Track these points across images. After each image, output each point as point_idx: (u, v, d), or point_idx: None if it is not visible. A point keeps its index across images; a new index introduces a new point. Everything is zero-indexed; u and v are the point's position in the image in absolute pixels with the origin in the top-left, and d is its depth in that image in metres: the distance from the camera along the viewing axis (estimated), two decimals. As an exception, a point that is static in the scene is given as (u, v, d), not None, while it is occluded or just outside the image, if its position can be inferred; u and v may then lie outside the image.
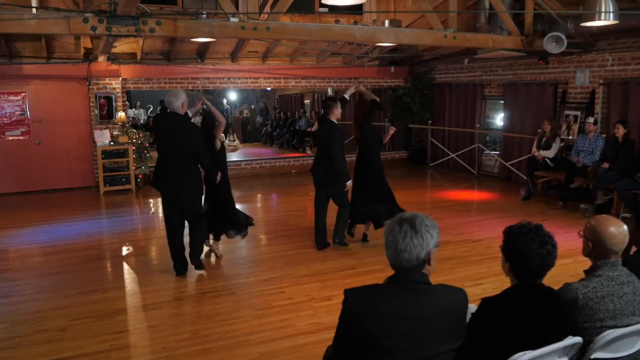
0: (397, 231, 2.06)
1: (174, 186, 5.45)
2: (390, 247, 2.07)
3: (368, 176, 6.57)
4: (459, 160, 12.32)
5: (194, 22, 6.53)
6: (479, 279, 5.41)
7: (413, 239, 2.04)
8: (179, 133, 5.33)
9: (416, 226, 2.05)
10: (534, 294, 2.26)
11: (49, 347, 4.09)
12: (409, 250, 2.04)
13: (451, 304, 2.09)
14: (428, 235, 2.05)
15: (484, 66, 11.55)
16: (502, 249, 2.33)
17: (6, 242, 7.11)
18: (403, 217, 2.10)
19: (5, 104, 10.22)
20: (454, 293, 2.14)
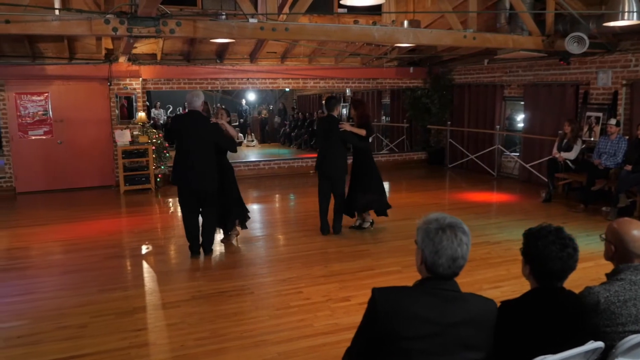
0: (448, 238, 2.01)
1: (199, 180, 6.03)
2: (442, 255, 2.01)
3: (365, 172, 7.24)
4: (478, 162, 12.22)
5: (213, 23, 6.57)
6: (498, 282, 5.35)
7: (468, 245, 2.04)
8: (202, 128, 5.98)
9: (466, 231, 2.05)
10: (555, 298, 2.23)
11: (70, 344, 4.15)
12: (465, 256, 2.03)
13: (480, 315, 2.06)
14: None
15: (504, 67, 11.44)
16: (522, 252, 2.31)
17: (29, 240, 7.23)
18: (446, 223, 2.04)
19: (28, 104, 10.39)
20: (484, 304, 2.11)
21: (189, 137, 5.97)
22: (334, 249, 6.58)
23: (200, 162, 6.00)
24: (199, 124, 5.99)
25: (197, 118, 6.01)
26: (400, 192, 10.98)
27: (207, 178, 6.07)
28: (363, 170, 7.19)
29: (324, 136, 7.13)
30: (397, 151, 14.80)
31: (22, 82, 10.23)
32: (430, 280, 2.07)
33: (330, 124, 6.99)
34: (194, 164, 5.98)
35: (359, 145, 7.15)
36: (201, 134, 5.96)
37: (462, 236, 2.03)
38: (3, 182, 10.46)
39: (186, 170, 6.03)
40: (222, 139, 6.20)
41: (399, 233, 7.21)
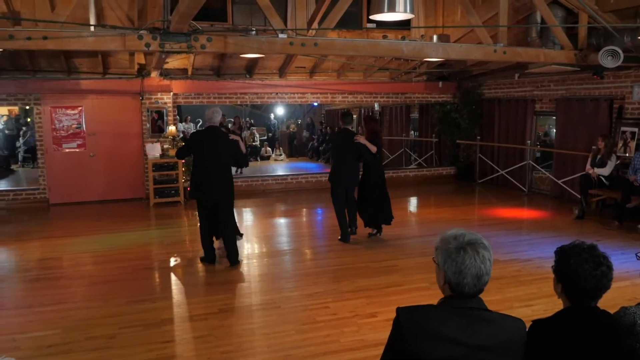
0: (471, 256, 1.95)
1: (217, 190, 6.35)
2: (467, 274, 1.95)
3: (375, 184, 7.62)
4: (508, 177, 12.04)
5: (243, 39, 6.65)
6: (528, 300, 5.23)
7: (490, 260, 1.98)
8: (223, 143, 6.37)
9: (486, 246, 1.99)
10: (589, 318, 2.16)
11: (98, 354, 4.19)
12: (488, 273, 1.97)
13: (509, 335, 1.99)
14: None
15: (535, 81, 11.29)
16: (554, 270, 2.25)
17: (61, 250, 7.37)
18: (466, 240, 1.98)
19: (63, 118, 10.65)
20: (513, 323, 2.04)
21: (210, 152, 6.30)
22: (361, 264, 6.53)
23: (220, 174, 6.37)
24: (220, 138, 6.39)
25: (217, 133, 6.44)
26: (429, 207, 10.89)
27: (227, 189, 6.45)
28: (372, 184, 7.60)
29: (340, 149, 7.54)
30: (425, 166, 14.69)
31: (58, 96, 10.50)
32: (455, 299, 2.01)
33: (347, 137, 7.43)
34: (215, 176, 6.33)
35: (369, 160, 7.52)
36: (221, 148, 6.34)
37: (484, 252, 1.98)
38: (37, 193, 10.71)
39: (207, 183, 6.33)
40: (239, 154, 6.61)
41: (428, 249, 7.12)
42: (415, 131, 16.99)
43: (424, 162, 15.25)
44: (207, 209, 6.45)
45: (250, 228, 8.89)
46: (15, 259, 7.15)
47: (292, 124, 22.23)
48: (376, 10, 5.83)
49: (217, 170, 6.35)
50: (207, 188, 6.35)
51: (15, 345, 4.36)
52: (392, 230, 8.20)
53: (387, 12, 5.72)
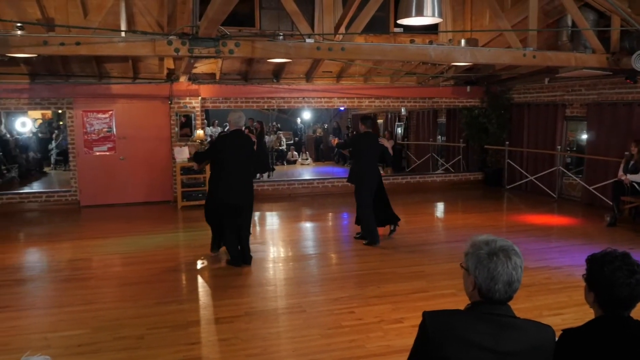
0: (503, 263, 1.92)
1: (241, 195, 6.49)
2: (499, 280, 1.92)
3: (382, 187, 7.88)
4: (537, 183, 11.85)
5: (271, 44, 6.71)
6: (559, 309, 5.13)
7: (522, 267, 1.95)
8: (248, 146, 6.52)
9: (518, 253, 1.96)
10: (622, 327, 2.10)
11: (126, 355, 4.25)
12: (520, 279, 1.94)
13: (537, 343, 1.95)
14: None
15: (565, 85, 11.11)
16: (586, 278, 2.20)
17: (91, 252, 7.50)
18: (498, 246, 1.95)
19: (94, 121, 10.87)
20: (542, 330, 2.00)
21: (236, 155, 6.42)
22: (387, 269, 6.50)
23: (245, 178, 6.57)
24: (245, 142, 6.54)
25: (243, 137, 6.59)
26: (456, 213, 10.78)
27: (249, 193, 6.65)
28: (382, 185, 7.86)
29: (366, 151, 7.62)
30: (452, 171, 14.56)
31: (89, 100, 10.72)
32: (484, 305, 1.97)
33: (371, 139, 7.69)
34: (240, 180, 6.48)
35: (389, 161, 8.00)
36: (247, 152, 6.51)
37: (515, 259, 1.94)
38: (69, 195, 10.95)
39: (233, 187, 6.44)
40: (260, 155, 6.65)
41: (454, 255, 7.05)
42: (442, 136, 16.86)
43: (451, 167, 15.12)
44: (228, 213, 6.52)
45: (277, 232, 8.93)
46: (47, 260, 7.31)
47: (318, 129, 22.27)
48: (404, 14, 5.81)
49: (242, 175, 6.48)
50: (232, 193, 6.43)
51: (46, 343, 4.45)
52: (418, 236, 8.17)
53: (414, 16, 5.70)
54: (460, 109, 13.79)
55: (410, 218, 9.84)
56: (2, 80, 10.11)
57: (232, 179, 6.43)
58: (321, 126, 22.79)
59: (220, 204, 6.55)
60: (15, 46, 6.17)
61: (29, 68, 9.95)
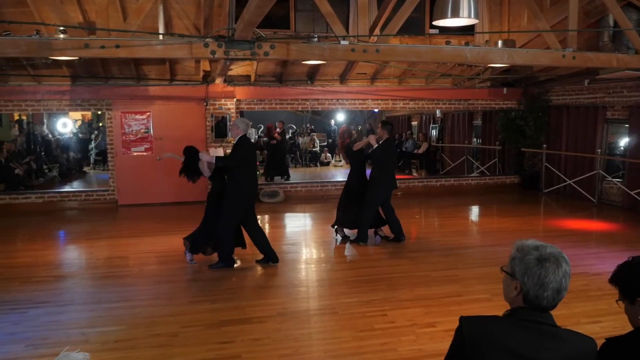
0: (554, 270, 1.88)
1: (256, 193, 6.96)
2: (548, 288, 1.87)
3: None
4: (576, 187, 11.56)
5: (305, 46, 6.73)
6: (597, 316, 4.99)
7: (570, 276, 1.92)
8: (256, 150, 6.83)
9: (567, 260, 1.92)
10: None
11: (161, 352, 4.32)
12: (567, 288, 1.90)
13: (578, 353, 1.89)
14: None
15: (606, 87, 10.82)
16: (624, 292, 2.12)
17: (127, 250, 7.66)
18: (547, 252, 1.91)
19: (132, 122, 11.10)
20: (583, 341, 1.93)
21: (254, 162, 6.89)
22: (420, 272, 6.44)
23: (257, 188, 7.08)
24: (255, 147, 6.94)
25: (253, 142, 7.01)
26: (491, 216, 10.62)
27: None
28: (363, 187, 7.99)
29: (388, 155, 7.82)
30: (488, 174, 14.33)
31: (127, 102, 10.96)
32: (524, 311, 1.92)
33: (392, 145, 8.12)
34: (257, 182, 6.96)
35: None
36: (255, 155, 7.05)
37: (565, 266, 1.89)
38: (107, 194, 11.20)
39: (255, 188, 6.88)
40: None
41: (489, 259, 6.94)
42: (477, 138, 16.63)
43: (487, 170, 14.89)
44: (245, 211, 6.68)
45: (309, 233, 8.95)
46: (85, 257, 7.50)
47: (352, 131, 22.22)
48: (439, 15, 5.77)
49: (257, 181, 7.05)
50: (255, 194, 6.90)
51: (84, 338, 4.57)
52: (452, 239, 8.07)
53: (450, 17, 5.64)
54: (496, 111, 13.58)
55: (445, 221, 9.75)
56: (45, 82, 10.43)
57: (252, 181, 6.74)
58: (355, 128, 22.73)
59: (248, 206, 6.66)
60: (58, 49, 6.35)
61: (70, 70, 10.23)
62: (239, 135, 6.57)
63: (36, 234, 8.82)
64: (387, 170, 7.83)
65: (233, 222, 6.60)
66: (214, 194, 6.85)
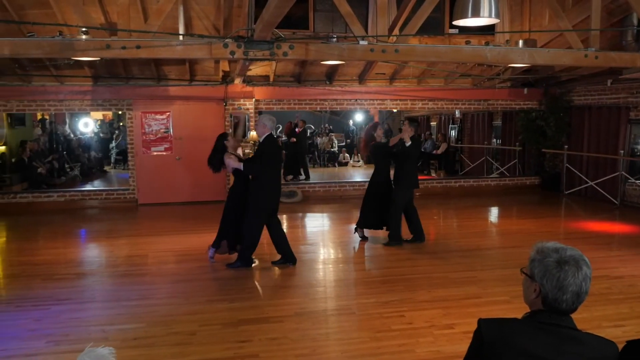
0: (574, 273, 1.85)
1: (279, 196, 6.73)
2: (567, 291, 1.84)
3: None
4: (598, 189, 11.39)
5: (324, 46, 6.73)
6: (619, 320, 4.91)
7: (590, 279, 1.88)
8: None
9: (588, 264, 1.89)
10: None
11: (179, 350, 4.35)
12: (587, 291, 1.87)
13: (599, 358, 1.86)
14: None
15: (630, 87, 10.64)
16: None
17: (146, 249, 7.74)
18: (568, 255, 1.88)
19: (152, 122, 11.21)
20: (605, 346, 1.90)
21: (280, 162, 6.78)
22: (438, 273, 6.40)
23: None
24: (281, 147, 6.64)
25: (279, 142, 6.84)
26: (511, 218, 10.51)
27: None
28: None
29: (413, 154, 7.69)
30: (508, 175, 14.19)
31: (148, 102, 11.08)
32: (544, 314, 1.90)
33: (419, 144, 7.99)
34: (281, 182, 6.82)
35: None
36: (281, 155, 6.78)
37: (586, 269, 1.86)
38: (127, 193, 11.33)
39: (279, 189, 6.73)
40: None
41: (509, 261, 6.87)
42: (497, 139, 16.47)
43: (507, 171, 14.74)
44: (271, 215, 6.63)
45: (327, 233, 8.95)
46: (105, 255, 7.58)
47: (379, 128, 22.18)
48: (459, 15, 5.73)
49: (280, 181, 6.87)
50: (279, 196, 6.71)
51: (104, 335, 4.62)
52: (471, 240, 8.01)
53: (470, 17, 5.60)
54: (516, 111, 13.44)
55: (464, 222, 9.67)
56: (67, 82, 10.58)
57: (277, 182, 6.65)
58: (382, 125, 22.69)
59: (272, 207, 6.58)
60: (80, 50, 6.44)
61: (92, 71, 10.37)
62: (265, 134, 6.43)
63: (58, 232, 8.96)
64: (413, 169, 7.83)
65: (260, 224, 6.53)
66: (236, 195, 6.71)
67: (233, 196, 6.76)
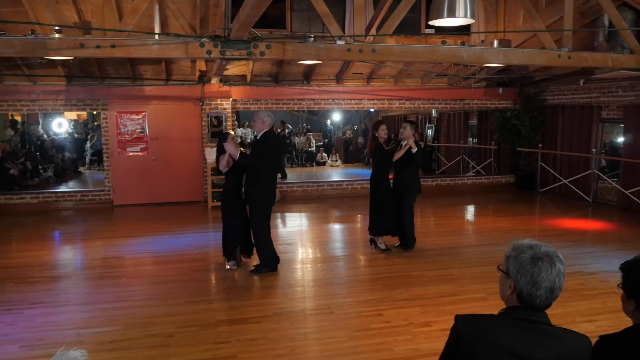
0: (547, 269, 1.88)
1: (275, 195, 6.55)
2: (541, 286, 1.87)
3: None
4: (571, 187, 11.60)
5: (301, 46, 6.72)
6: (592, 315, 5.01)
7: (564, 274, 1.91)
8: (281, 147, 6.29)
9: (562, 260, 1.92)
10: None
11: (156, 352, 4.31)
12: (561, 287, 1.90)
13: (573, 352, 1.90)
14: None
15: (601, 87, 10.85)
16: (624, 287, 2.12)
17: (123, 250, 7.64)
18: (542, 251, 1.91)
19: (128, 122, 11.08)
20: (578, 340, 1.94)
21: (277, 159, 6.54)
22: (416, 272, 6.45)
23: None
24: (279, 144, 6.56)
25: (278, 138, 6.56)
26: (487, 216, 10.64)
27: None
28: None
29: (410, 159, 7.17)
30: (484, 174, 14.36)
31: (123, 101, 10.94)
32: (519, 310, 1.93)
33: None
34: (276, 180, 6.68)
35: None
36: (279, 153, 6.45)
37: (559, 266, 1.90)
38: (102, 195, 11.17)
39: (275, 187, 6.54)
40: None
41: (485, 258, 6.96)
42: (473, 138, 16.67)
43: (483, 169, 14.93)
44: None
45: (305, 233, 8.94)
46: (80, 257, 7.47)
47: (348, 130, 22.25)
48: (435, 15, 5.77)
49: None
50: (275, 195, 6.59)
51: (79, 339, 4.55)
52: (448, 239, 8.09)
53: (446, 17, 5.65)
54: (492, 110, 13.61)
55: (440, 221, 9.75)
56: (40, 82, 10.39)
57: (273, 180, 6.53)
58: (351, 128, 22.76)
59: (269, 205, 6.39)
60: (53, 49, 6.33)
61: (65, 70, 10.20)
62: (263, 131, 6.25)
63: (31, 235, 8.80)
64: (418, 173, 7.59)
65: (266, 224, 6.34)
66: (228, 194, 6.47)
67: (228, 199, 6.48)
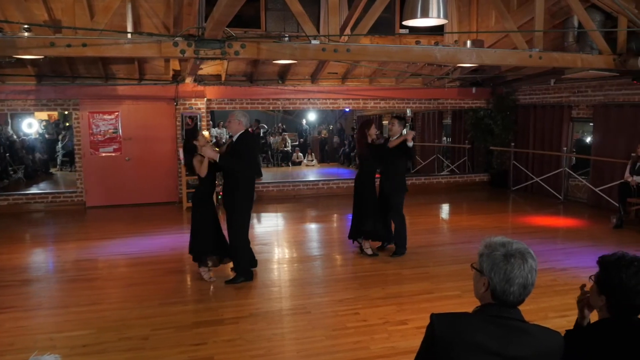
0: (520, 265, 1.91)
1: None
2: (514, 283, 1.90)
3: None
4: (543, 185, 11.81)
5: (276, 45, 6.70)
6: (564, 310, 5.11)
7: (537, 270, 1.94)
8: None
9: (534, 256, 1.95)
10: (630, 329, 2.08)
11: (132, 355, 4.26)
12: (534, 283, 1.93)
13: (546, 347, 1.93)
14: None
15: (572, 87, 11.07)
16: (598, 282, 2.16)
17: (96, 252, 7.52)
18: (514, 248, 1.94)
19: (100, 123, 10.91)
20: (550, 336, 1.98)
21: (256, 160, 6.18)
22: (391, 271, 6.49)
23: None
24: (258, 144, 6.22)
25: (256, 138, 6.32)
26: (461, 214, 10.76)
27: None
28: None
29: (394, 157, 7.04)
30: (458, 173, 14.53)
31: (95, 101, 10.77)
32: (493, 307, 1.96)
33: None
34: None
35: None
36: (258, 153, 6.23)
37: (531, 262, 1.93)
38: (75, 196, 10.99)
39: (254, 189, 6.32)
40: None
41: (459, 256, 7.04)
42: (447, 137, 16.84)
43: (457, 168, 15.09)
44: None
45: (281, 233, 8.93)
46: (52, 260, 7.34)
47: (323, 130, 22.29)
48: (409, 15, 5.82)
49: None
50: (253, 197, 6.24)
51: (52, 343, 4.47)
52: (423, 237, 8.16)
53: (420, 17, 5.70)
54: (465, 110, 13.77)
55: (415, 220, 9.82)
56: (9, 81, 10.16)
57: (253, 182, 6.30)
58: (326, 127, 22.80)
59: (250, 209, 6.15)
60: (22, 48, 6.19)
61: (35, 69, 9.99)
62: (240, 132, 5.96)
63: (1, 237, 8.60)
64: (404, 172, 7.43)
65: (246, 230, 6.13)
66: (202, 195, 6.10)
67: (202, 200, 6.09)
